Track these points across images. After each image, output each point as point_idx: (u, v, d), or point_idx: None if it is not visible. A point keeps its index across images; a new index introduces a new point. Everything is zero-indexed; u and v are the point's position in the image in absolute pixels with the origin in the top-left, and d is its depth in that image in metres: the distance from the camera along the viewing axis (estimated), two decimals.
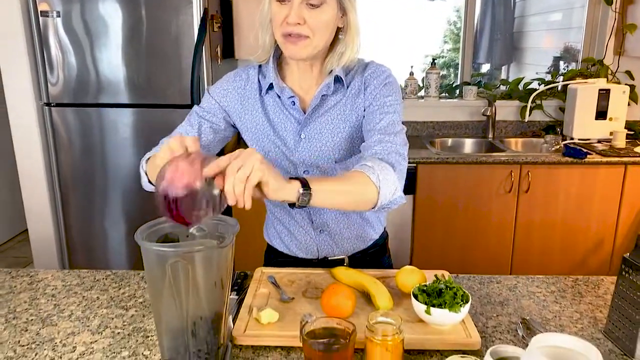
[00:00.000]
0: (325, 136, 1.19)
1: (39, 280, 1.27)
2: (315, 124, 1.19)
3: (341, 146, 1.19)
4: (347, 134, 1.19)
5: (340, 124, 1.19)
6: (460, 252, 2.64)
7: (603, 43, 2.98)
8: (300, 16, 1.06)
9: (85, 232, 2.63)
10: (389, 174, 1.04)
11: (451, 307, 0.97)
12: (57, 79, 2.44)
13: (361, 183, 1.01)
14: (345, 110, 1.19)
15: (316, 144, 1.19)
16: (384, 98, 1.16)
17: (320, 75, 1.19)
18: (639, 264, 0.94)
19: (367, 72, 1.19)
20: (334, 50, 1.16)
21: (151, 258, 0.79)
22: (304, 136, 1.19)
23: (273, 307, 1.05)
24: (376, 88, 1.17)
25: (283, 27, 1.08)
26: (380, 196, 1.02)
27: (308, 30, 1.08)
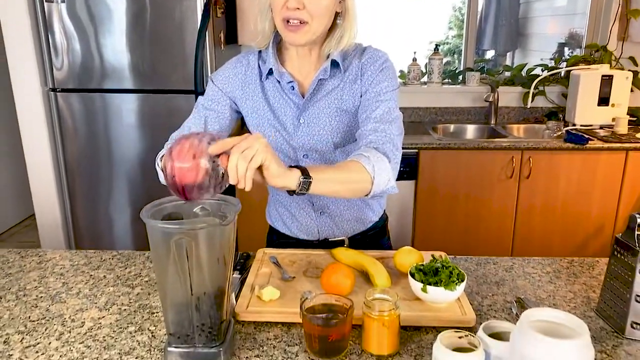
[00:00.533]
0: (323, 120, 1.21)
1: (47, 260, 1.31)
2: (313, 109, 1.21)
3: (339, 130, 1.22)
4: (346, 119, 1.21)
5: (338, 108, 1.21)
6: (461, 237, 2.67)
7: (607, 29, 2.97)
8: (300, 1, 1.08)
9: (90, 216, 2.67)
10: (384, 165, 1.07)
11: (447, 286, 1.00)
12: (62, 65, 2.46)
13: (357, 172, 1.04)
14: (342, 95, 1.21)
15: (315, 128, 1.21)
16: (380, 84, 1.17)
17: (318, 60, 1.21)
18: (630, 244, 0.96)
19: (364, 57, 1.20)
20: (332, 35, 1.18)
21: (156, 235, 0.82)
22: (303, 121, 1.22)
23: (274, 286, 1.08)
24: (373, 74, 1.18)
25: (283, 12, 1.10)
26: (374, 186, 1.06)
27: (307, 15, 1.10)
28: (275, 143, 1.25)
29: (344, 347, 0.91)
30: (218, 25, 2.54)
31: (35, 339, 0.97)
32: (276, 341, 0.95)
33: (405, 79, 3.12)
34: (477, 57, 4.85)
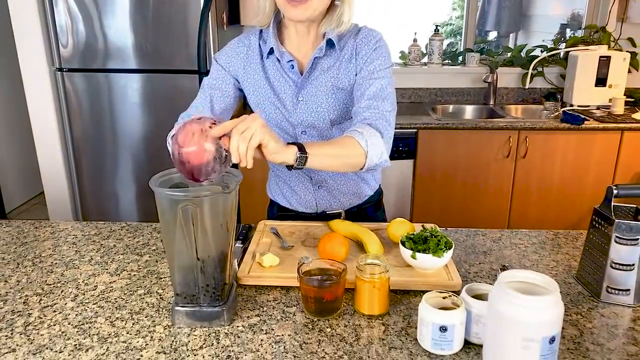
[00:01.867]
0: (320, 98, 1.27)
1: (60, 230, 1.38)
2: (311, 87, 1.27)
3: (336, 108, 1.27)
4: (342, 96, 1.27)
5: (335, 86, 1.26)
6: (458, 215, 2.74)
7: (606, 10, 2.99)
8: None
9: (97, 192, 2.75)
10: (377, 140, 1.14)
11: (435, 253, 1.07)
12: (68, 46, 2.51)
13: (351, 147, 1.11)
14: (339, 74, 1.26)
15: (312, 106, 1.27)
16: (373, 62, 1.23)
17: (316, 39, 1.26)
18: (607, 214, 1.02)
19: (359, 36, 1.25)
20: (330, 15, 1.23)
21: (164, 202, 0.89)
22: (302, 98, 1.27)
23: (274, 254, 1.15)
24: (367, 53, 1.24)
25: None
26: (368, 160, 1.13)
27: None
28: (275, 120, 1.31)
29: (338, 307, 0.98)
30: (221, 6, 2.58)
31: (52, 300, 1.04)
32: (275, 302, 1.02)
33: (406, 59, 3.16)
34: (480, 38, 4.87)
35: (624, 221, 1.00)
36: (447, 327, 0.85)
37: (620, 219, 1.01)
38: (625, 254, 1.00)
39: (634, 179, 2.64)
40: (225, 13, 2.66)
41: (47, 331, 0.94)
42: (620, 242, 1.00)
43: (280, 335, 0.92)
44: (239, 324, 0.95)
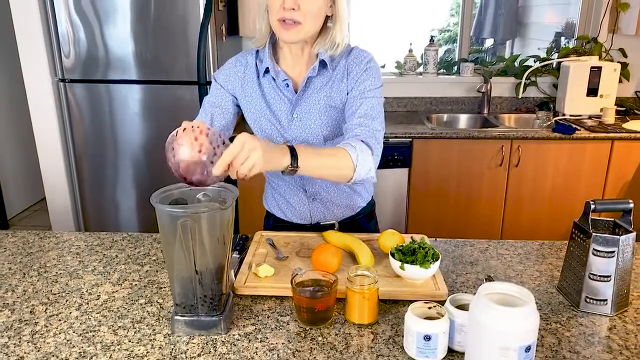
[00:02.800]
0: (313, 115, 1.32)
1: (64, 240, 1.43)
2: (305, 104, 1.32)
3: (328, 124, 1.33)
4: (334, 114, 1.33)
5: (327, 104, 1.32)
6: (452, 223, 2.79)
7: (598, 21, 3.05)
8: (296, 2, 1.20)
9: (97, 200, 2.80)
10: (367, 156, 1.20)
11: (422, 264, 1.12)
12: (70, 57, 2.57)
13: (342, 160, 1.16)
14: (331, 93, 1.32)
15: (306, 123, 1.33)
16: (364, 83, 1.28)
17: (310, 60, 1.32)
18: (585, 227, 1.08)
19: (350, 57, 1.31)
20: (323, 36, 1.29)
21: (164, 218, 0.94)
22: (296, 115, 1.33)
23: (269, 264, 1.20)
24: (358, 73, 1.29)
25: (279, 12, 1.21)
26: (356, 174, 1.18)
27: (301, 16, 1.21)
28: (270, 135, 1.36)
29: (329, 316, 1.03)
30: (220, 18, 2.64)
31: (57, 309, 1.09)
32: (270, 312, 1.08)
33: (402, 69, 3.22)
34: (477, 45, 4.93)
35: (601, 234, 1.05)
36: (430, 336, 0.90)
37: (599, 233, 1.06)
38: (602, 265, 1.05)
39: (625, 187, 2.70)
40: (225, 25, 2.72)
41: (53, 339, 0.99)
42: (598, 254, 1.05)
43: (274, 344, 0.97)
44: (235, 333, 1.00)
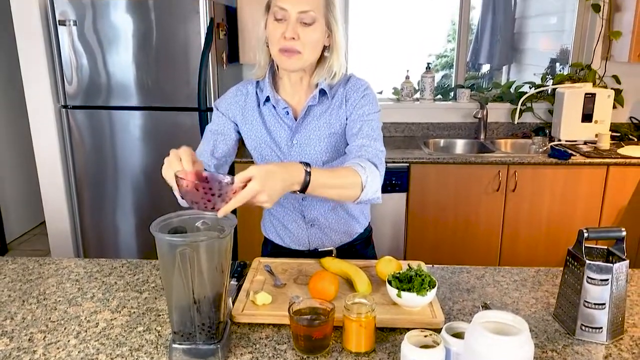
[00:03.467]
0: (313, 141, 1.35)
1: (63, 267, 1.44)
2: (305, 131, 1.36)
3: (327, 150, 1.36)
4: (333, 140, 1.36)
5: (326, 131, 1.35)
6: (451, 248, 2.80)
7: (591, 48, 3.11)
8: (296, 32, 1.24)
9: (97, 225, 2.81)
10: (376, 177, 1.22)
11: (419, 292, 1.13)
12: (73, 84, 2.61)
13: (351, 178, 1.17)
14: (330, 120, 1.35)
15: (306, 149, 1.36)
16: (363, 108, 1.33)
17: (309, 88, 1.36)
18: (579, 255, 1.09)
19: (348, 85, 1.36)
20: (321, 66, 1.33)
21: (164, 247, 0.96)
22: (296, 142, 1.36)
23: (267, 291, 1.21)
24: (355, 100, 1.34)
25: (280, 42, 1.25)
26: (363, 193, 1.20)
27: (301, 45, 1.25)
28: (271, 161, 1.39)
29: (327, 345, 1.04)
30: (221, 46, 2.69)
31: (55, 337, 1.10)
32: (267, 340, 1.08)
33: (399, 95, 3.26)
34: (473, 71, 5.01)
35: (595, 262, 1.06)
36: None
37: (592, 260, 1.08)
38: (596, 293, 1.06)
39: (621, 212, 2.72)
40: (225, 52, 2.77)
41: None
42: (592, 282, 1.06)
43: None
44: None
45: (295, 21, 1.23)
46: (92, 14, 2.51)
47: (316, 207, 1.44)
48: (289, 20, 1.23)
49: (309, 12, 1.23)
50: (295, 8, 1.22)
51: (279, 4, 1.23)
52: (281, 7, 1.23)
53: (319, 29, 1.27)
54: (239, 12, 2.83)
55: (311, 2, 1.24)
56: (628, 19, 2.82)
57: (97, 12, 2.51)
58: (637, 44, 2.77)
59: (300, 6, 1.22)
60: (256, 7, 2.80)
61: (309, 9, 1.23)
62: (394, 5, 4.54)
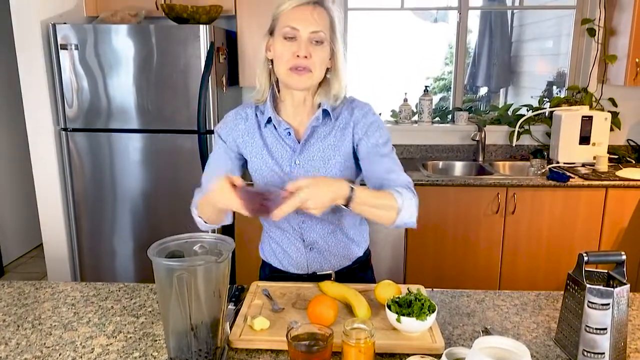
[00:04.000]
0: (316, 162, 1.36)
1: (60, 291, 1.43)
2: (307, 152, 1.37)
3: (331, 172, 1.37)
4: (337, 161, 1.37)
5: (331, 152, 1.37)
6: (451, 270, 2.78)
7: (587, 72, 3.15)
8: (309, 50, 1.27)
9: (95, 248, 2.80)
10: (412, 203, 1.28)
11: (418, 316, 1.12)
12: (74, 107, 2.63)
13: (390, 201, 1.24)
14: (335, 141, 1.37)
15: (309, 170, 1.37)
16: (375, 136, 1.36)
17: (311, 109, 1.38)
18: (579, 279, 1.08)
19: (354, 109, 1.38)
20: (323, 87, 1.36)
21: (161, 271, 0.95)
22: (298, 162, 1.37)
23: (265, 316, 1.20)
24: (364, 125, 1.36)
25: (291, 61, 1.28)
26: (399, 217, 1.25)
27: (312, 63, 1.28)
28: (273, 183, 1.39)
29: None
30: (221, 70, 2.72)
31: None
32: None
33: (397, 117, 3.29)
34: (471, 94, 5.05)
35: (595, 287, 1.05)
36: None
37: (593, 284, 1.07)
38: (598, 318, 1.05)
39: (621, 234, 2.71)
40: (225, 76, 2.80)
41: None
42: (593, 306, 1.05)
43: None
44: None
45: (307, 41, 1.27)
46: (94, 38, 2.54)
47: (316, 229, 1.43)
48: (300, 40, 1.27)
49: (319, 32, 1.27)
50: (308, 28, 1.26)
51: (291, 24, 1.27)
52: (293, 27, 1.26)
53: (326, 49, 1.30)
54: (239, 36, 2.86)
55: (321, 23, 1.28)
56: (623, 43, 2.86)
57: (99, 37, 2.54)
58: (632, 68, 2.80)
59: (312, 26, 1.26)
60: (256, 31, 2.84)
61: (320, 29, 1.27)
62: (392, 28, 4.61)
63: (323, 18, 1.29)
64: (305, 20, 1.26)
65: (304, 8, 1.27)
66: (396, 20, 4.72)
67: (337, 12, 1.33)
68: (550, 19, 4.40)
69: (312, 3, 1.28)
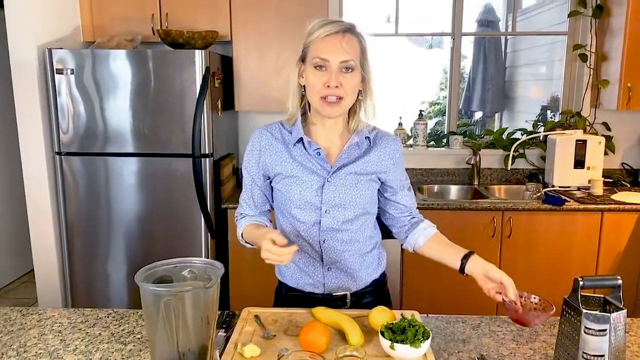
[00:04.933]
0: (350, 181, 1.38)
1: (47, 317, 1.40)
2: (340, 172, 1.38)
3: (361, 191, 1.39)
4: (365, 181, 1.39)
5: (362, 174, 1.39)
6: (448, 295, 2.74)
7: (580, 96, 3.17)
8: (339, 80, 1.29)
9: (88, 274, 2.76)
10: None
11: (412, 343, 1.09)
12: (69, 130, 2.63)
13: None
14: (366, 165, 1.40)
15: (341, 188, 1.37)
16: (402, 170, 1.48)
17: (345, 131, 1.41)
18: (575, 304, 1.07)
19: (386, 140, 1.44)
20: (356, 110, 1.39)
21: (148, 296, 0.93)
22: (330, 180, 1.37)
23: (256, 343, 1.17)
24: (395, 159, 1.45)
25: (322, 90, 1.30)
26: None
27: (343, 92, 1.31)
28: (304, 199, 1.38)
29: None
30: (216, 94, 2.73)
31: None
32: None
33: None
34: (466, 118, 5.09)
35: (592, 312, 1.04)
36: None
37: (589, 309, 1.05)
38: (595, 344, 1.03)
39: (618, 258, 2.69)
40: (220, 100, 2.81)
41: None
42: (589, 332, 1.03)
43: None
44: None
45: (338, 70, 1.29)
46: (90, 63, 2.56)
47: (337, 250, 1.42)
48: (330, 70, 1.29)
49: (349, 61, 1.29)
50: (337, 58, 1.28)
51: (321, 56, 1.28)
52: (323, 57, 1.28)
53: (357, 75, 1.32)
54: (235, 61, 2.89)
55: (350, 52, 1.29)
56: (615, 68, 2.89)
57: (95, 61, 2.56)
58: (624, 92, 2.83)
59: (341, 57, 1.28)
60: (252, 56, 2.87)
61: (349, 57, 1.29)
62: (387, 54, 4.66)
63: (353, 45, 1.30)
64: (335, 50, 1.28)
65: (334, 37, 1.28)
66: (391, 46, 4.78)
67: (368, 37, 1.35)
68: (543, 44, 4.46)
69: (342, 31, 1.29)
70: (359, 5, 3.84)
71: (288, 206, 1.40)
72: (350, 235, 1.41)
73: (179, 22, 2.85)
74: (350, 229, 1.40)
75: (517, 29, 4.28)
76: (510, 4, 4.45)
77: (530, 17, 4.78)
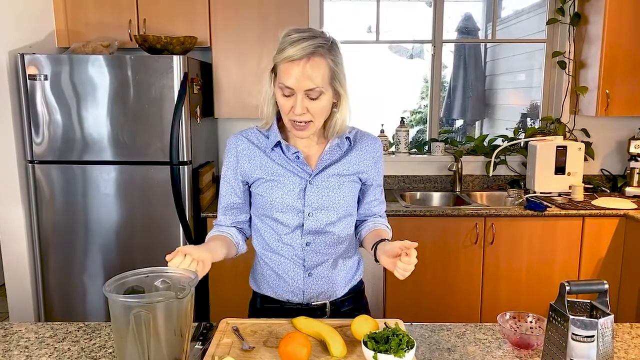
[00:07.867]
0: (332, 182, 1.36)
1: (13, 332, 1.32)
2: (320, 175, 1.35)
3: (344, 192, 1.37)
4: (347, 181, 1.38)
5: (344, 175, 1.38)
6: (431, 302, 2.72)
7: (560, 103, 3.20)
8: (304, 107, 1.25)
9: (63, 286, 2.66)
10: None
11: (396, 353, 1.05)
12: (43, 138, 2.54)
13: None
14: (349, 167, 1.39)
15: (323, 190, 1.35)
16: (379, 173, 1.46)
17: (321, 137, 1.39)
18: (562, 310, 1.04)
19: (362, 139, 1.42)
20: (331, 120, 1.35)
21: (117, 308, 0.88)
22: (311, 183, 1.34)
23: (234, 356, 1.12)
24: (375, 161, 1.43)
25: (290, 115, 1.28)
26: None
27: (310, 116, 1.27)
28: (285, 203, 1.34)
29: None
30: (195, 100, 2.68)
31: None
32: None
33: None
34: (447, 126, 5.11)
35: (579, 318, 1.01)
36: None
37: (576, 315, 1.03)
38: (582, 350, 1.01)
39: (600, 263, 2.70)
40: (199, 107, 2.76)
41: None
42: (577, 339, 1.01)
43: None
44: None
45: (302, 97, 1.24)
46: (64, 68, 2.49)
47: (320, 253, 1.39)
48: (296, 97, 1.25)
49: (314, 88, 1.24)
50: (302, 87, 1.23)
51: (286, 83, 1.24)
52: (287, 86, 1.24)
53: (325, 98, 1.28)
54: (214, 67, 2.84)
55: (315, 78, 1.23)
56: (593, 75, 2.92)
57: (69, 67, 2.48)
58: (602, 99, 2.85)
59: (305, 85, 1.23)
60: (232, 62, 2.83)
61: (314, 85, 1.23)
62: (369, 62, 4.66)
63: (320, 69, 1.23)
64: (299, 78, 1.22)
65: (297, 64, 1.21)
66: (373, 55, 4.78)
67: (336, 53, 1.28)
68: (522, 53, 4.51)
69: (307, 56, 1.22)
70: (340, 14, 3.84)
71: (269, 210, 1.36)
72: (333, 238, 1.39)
73: (157, 28, 2.80)
74: (333, 231, 1.38)
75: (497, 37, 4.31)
76: (489, 13, 4.50)
77: (509, 25, 4.84)
